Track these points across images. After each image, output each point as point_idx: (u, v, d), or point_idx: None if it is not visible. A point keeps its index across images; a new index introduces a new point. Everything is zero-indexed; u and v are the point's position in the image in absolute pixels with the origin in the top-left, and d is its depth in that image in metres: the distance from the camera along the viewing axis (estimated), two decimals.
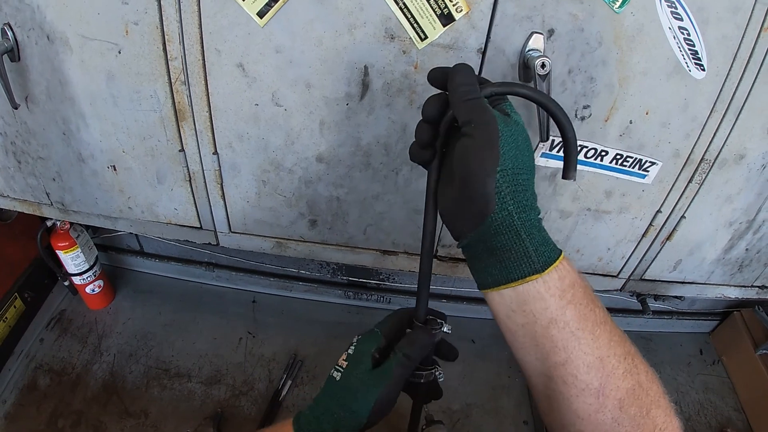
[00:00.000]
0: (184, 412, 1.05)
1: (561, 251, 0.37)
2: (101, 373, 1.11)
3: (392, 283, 1.32)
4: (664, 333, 1.37)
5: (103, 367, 1.12)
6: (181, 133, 0.69)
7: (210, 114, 0.67)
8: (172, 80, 0.64)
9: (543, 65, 0.55)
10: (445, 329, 0.49)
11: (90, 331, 1.20)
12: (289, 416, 0.52)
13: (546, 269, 0.35)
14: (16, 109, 0.70)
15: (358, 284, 1.32)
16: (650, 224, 0.77)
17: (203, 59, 0.62)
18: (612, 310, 1.33)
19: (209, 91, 0.64)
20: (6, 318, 1.13)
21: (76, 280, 1.18)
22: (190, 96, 0.65)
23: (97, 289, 1.22)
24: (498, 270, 0.37)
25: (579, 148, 0.67)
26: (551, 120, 0.46)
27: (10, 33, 0.64)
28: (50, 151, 0.76)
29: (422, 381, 0.52)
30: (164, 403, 1.07)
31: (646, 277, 0.86)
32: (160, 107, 0.67)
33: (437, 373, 0.54)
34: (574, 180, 0.38)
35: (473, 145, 0.35)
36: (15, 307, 1.15)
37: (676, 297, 1.16)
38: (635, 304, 1.27)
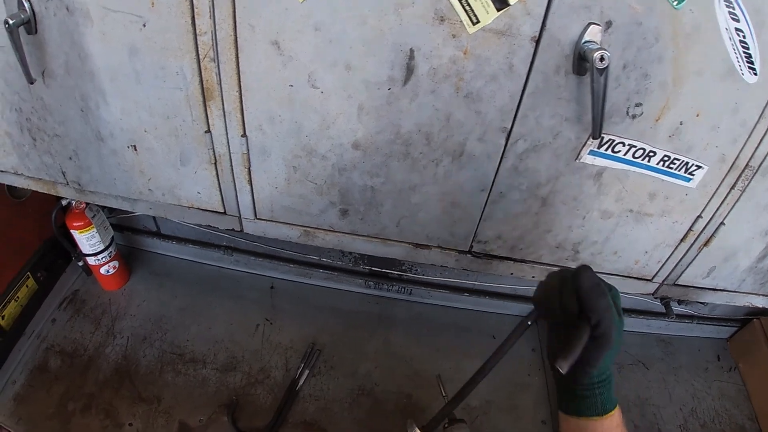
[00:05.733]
0: (198, 398, 1.04)
1: (617, 404, 0.59)
2: (114, 356, 1.10)
3: (414, 274, 1.29)
4: (684, 337, 1.36)
5: (115, 350, 1.11)
6: (208, 113, 0.66)
7: (240, 94, 0.63)
8: (201, 56, 0.61)
9: (602, 58, 0.52)
10: None
11: (103, 313, 1.19)
12: (306, 407, 0.50)
13: (605, 415, 0.58)
14: (32, 84, 0.67)
15: (380, 274, 1.29)
16: (690, 229, 0.75)
17: (235, 35, 0.58)
18: (634, 311, 1.31)
19: (240, 69, 0.61)
20: (18, 297, 1.11)
21: (91, 260, 1.16)
22: (219, 74, 0.62)
23: (111, 270, 1.20)
24: (576, 407, 0.59)
25: (627, 147, 0.64)
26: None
27: (27, 4, 0.60)
28: (67, 128, 0.73)
29: None
30: (178, 389, 1.06)
31: (679, 283, 0.84)
32: (187, 85, 0.64)
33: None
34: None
35: (604, 343, 0.54)
36: (27, 286, 1.14)
37: (700, 302, 1.14)
38: (657, 306, 1.25)
